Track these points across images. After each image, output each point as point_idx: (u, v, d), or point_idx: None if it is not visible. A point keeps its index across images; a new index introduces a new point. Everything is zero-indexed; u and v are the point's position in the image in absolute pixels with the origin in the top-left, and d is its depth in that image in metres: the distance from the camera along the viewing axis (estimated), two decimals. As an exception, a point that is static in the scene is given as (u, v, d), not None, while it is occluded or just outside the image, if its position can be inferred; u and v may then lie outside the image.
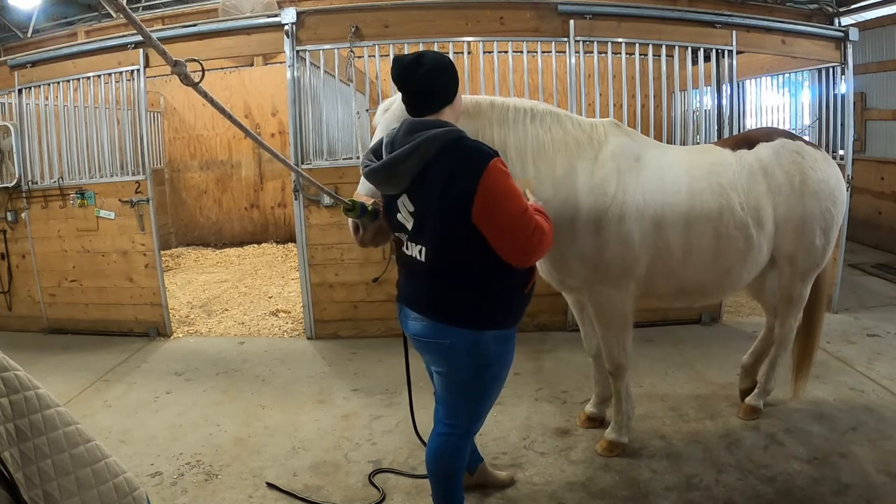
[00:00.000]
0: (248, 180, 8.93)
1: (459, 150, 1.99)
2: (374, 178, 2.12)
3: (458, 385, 2.21)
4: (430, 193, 2.02)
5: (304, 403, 3.82)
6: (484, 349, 2.13)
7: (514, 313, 2.21)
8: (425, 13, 4.67)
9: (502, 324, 2.15)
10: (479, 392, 2.22)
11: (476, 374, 2.16)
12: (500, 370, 2.23)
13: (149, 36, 1.61)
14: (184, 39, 4.73)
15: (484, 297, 2.09)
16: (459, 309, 2.10)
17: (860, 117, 7.45)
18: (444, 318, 2.11)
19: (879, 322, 4.91)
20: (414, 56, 2.07)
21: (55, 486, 1.23)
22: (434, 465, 2.33)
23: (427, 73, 2.05)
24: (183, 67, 1.73)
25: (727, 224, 2.89)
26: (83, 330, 5.32)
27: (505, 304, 2.15)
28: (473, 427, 2.34)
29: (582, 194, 2.74)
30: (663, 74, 4.97)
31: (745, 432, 3.27)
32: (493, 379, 2.22)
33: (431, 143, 1.99)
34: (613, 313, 2.91)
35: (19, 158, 5.14)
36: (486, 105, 2.62)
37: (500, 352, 2.18)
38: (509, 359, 2.26)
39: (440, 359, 2.18)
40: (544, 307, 4.90)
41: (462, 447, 2.33)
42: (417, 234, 2.11)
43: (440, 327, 2.11)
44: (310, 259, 4.85)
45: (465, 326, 2.09)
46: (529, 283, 2.19)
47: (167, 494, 2.88)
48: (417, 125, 2.06)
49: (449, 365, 2.17)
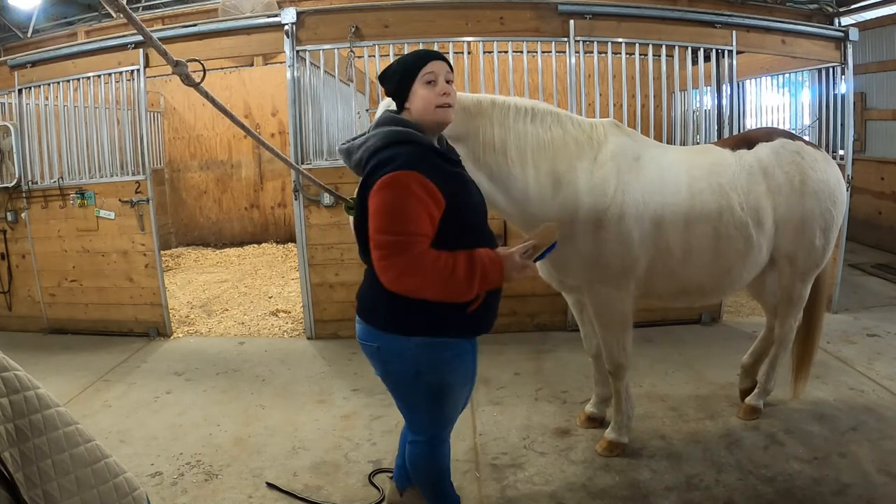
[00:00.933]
0: (248, 180, 8.93)
1: (380, 153, 1.99)
2: (343, 159, 2.16)
3: (397, 390, 2.18)
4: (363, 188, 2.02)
5: (304, 403, 3.82)
6: (411, 355, 2.05)
7: (449, 325, 2.04)
8: (425, 13, 4.67)
9: (430, 332, 2.03)
10: (418, 400, 2.15)
11: (409, 380, 2.11)
12: (441, 379, 2.10)
13: (150, 36, 1.62)
14: (184, 39, 4.73)
15: (402, 303, 1.98)
16: (382, 312, 2.06)
17: (860, 117, 7.45)
18: (370, 320, 2.10)
19: (879, 322, 4.91)
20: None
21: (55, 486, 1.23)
22: (413, 474, 2.32)
23: (383, 81, 2.12)
24: (184, 68, 1.74)
25: (727, 224, 2.89)
26: (83, 330, 5.32)
27: (434, 313, 2.01)
28: (436, 434, 2.25)
29: (581, 194, 2.74)
30: (663, 74, 4.97)
31: (745, 432, 3.27)
32: (433, 388, 2.11)
33: (376, 139, 2.02)
34: (613, 313, 2.91)
35: (19, 158, 5.14)
36: (486, 104, 2.63)
37: (435, 360, 2.07)
38: (458, 368, 2.13)
39: (374, 363, 2.16)
40: (544, 307, 4.90)
41: (432, 454, 2.26)
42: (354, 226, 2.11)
43: (370, 330, 2.10)
44: (310, 259, 4.85)
45: (389, 331, 2.05)
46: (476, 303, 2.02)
47: (167, 494, 2.88)
48: (381, 119, 2.09)
49: (383, 370, 2.15)
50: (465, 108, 2.58)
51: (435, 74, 2.03)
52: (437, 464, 2.31)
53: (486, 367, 4.27)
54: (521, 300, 4.90)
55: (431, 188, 1.90)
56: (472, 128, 2.59)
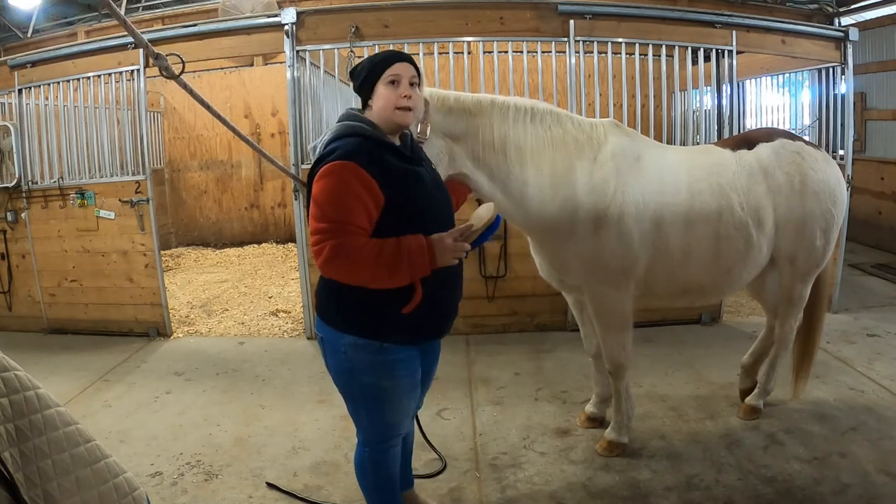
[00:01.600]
0: (248, 180, 8.93)
1: (325, 147, 2.02)
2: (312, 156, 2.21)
3: (337, 384, 2.17)
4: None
5: (304, 403, 3.82)
6: (346, 353, 2.05)
7: (387, 329, 2.02)
8: (425, 13, 4.67)
9: (364, 333, 2.02)
10: (356, 400, 2.15)
11: (344, 378, 2.12)
12: (377, 381, 2.07)
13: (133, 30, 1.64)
14: (184, 39, 4.73)
15: (339, 300, 2.04)
16: (323, 304, 2.12)
17: (860, 117, 7.45)
18: (318, 310, 2.15)
19: (879, 322, 4.91)
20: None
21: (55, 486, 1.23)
22: (359, 478, 2.31)
23: (351, 74, 2.16)
24: (164, 61, 1.78)
25: (727, 224, 2.89)
26: (83, 330, 5.32)
27: (364, 316, 2.00)
28: (377, 438, 2.20)
29: (581, 194, 2.74)
30: (663, 74, 4.97)
31: (745, 432, 3.27)
32: (369, 388, 2.08)
33: (329, 132, 2.07)
34: (613, 313, 2.91)
35: (19, 158, 5.13)
36: (486, 103, 2.64)
37: (368, 362, 2.04)
38: (393, 372, 2.08)
39: (322, 352, 2.19)
40: (544, 307, 4.90)
41: (372, 459, 2.21)
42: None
43: (318, 320, 2.15)
44: (310, 259, 4.84)
45: (329, 324, 2.09)
46: (411, 304, 1.99)
47: (167, 494, 2.88)
48: (342, 115, 2.12)
49: (325, 360, 2.18)
50: (465, 108, 2.59)
51: (399, 76, 2.02)
52: (378, 471, 2.24)
53: (486, 367, 4.28)
54: (521, 300, 4.90)
55: (367, 180, 1.90)
56: (472, 127, 2.60)
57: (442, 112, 2.52)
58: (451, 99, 2.57)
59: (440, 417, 3.54)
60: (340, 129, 2.04)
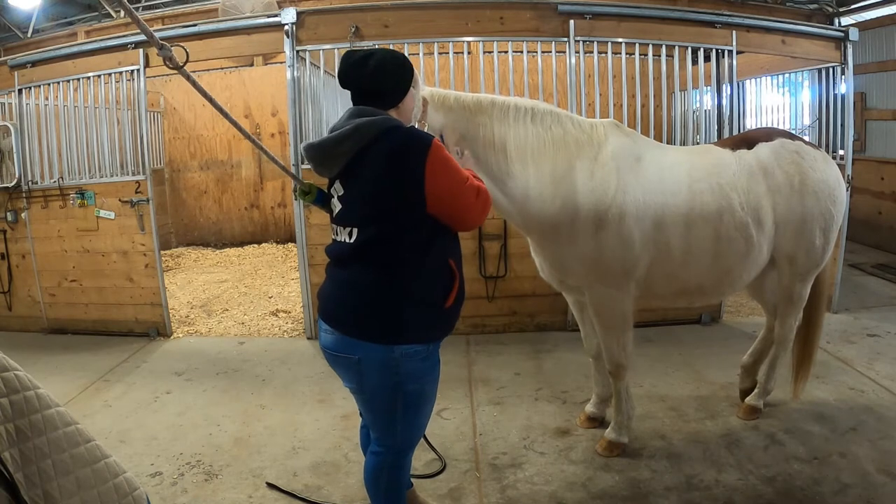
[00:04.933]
0: (248, 180, 8.93)
1: (399, 135, 1.96)
2: (310, 155, 2.08)
3: (373, 403, 2.10)
4: (366, 178, 1.98)
5: (304, 403, 3.82)
6: (395, 366, 2.00)
7: (431, 330, 2.06)
8: (425, 13, 4.67)
9: (415, 339, 2.01)
10: (398, 410, 2.09)
11: (389, 392, 2.04)
12: (421, 388, 2.09)
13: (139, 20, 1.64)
14: (184, 39, 4.72)
15: (397, 309, 1.98)
16: (369, 321, 1.99)
17: (860, 117, 7.44)
18: (352, 330, 2.00)
19: (879, 322, 4.91)
20: (363, 54, 2.02)
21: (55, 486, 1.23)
22: (370, 484, 2.24)
23: (371, 74, 2.00)
24: (168, 51, 1.79)
25: (727, 224, 2.89)
26: (83, 330, 5.32)
27: (421, 319, 2.01)
28: (407, 444, 2.22)
29: (582, 194, 2.74)
30: (663, 74, 4.97)
31: (745, 432, 3.27)
32: (412, 397, 2.08)
33: (369, 127, 1.96)
34: (614, 313, 2.91)
35: (19, 158, 5.14)
36: (487, 103, 2.64)
37: (417, 369, 2.04)
38: (432, 376, 2.13)
39: (351, 375, 2.07)
40: (544, 307, 4.90)
41: (398, 466, 2.22)
42: (345, 218, 2.05)
43: (349, 341, 2.01)
44: (310, 259, 4.85)
45: (374, 341, 1.98)
46: (451, 297, 2.05)
47: (167, 494, 2.88)
48: (359, 111, 2.03)
49: (360, 382, 2.06)
50: (465, 108, 2.59)
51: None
52: (400, 477, 2.26)
53: (486, 367, 4.28)
54: (520, 300, 4.90)
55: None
56: (473, 127, 2.60)
57: (441, 111, 2.53)
58: (451, 98, 2.57)
59: (440, 417, 3.54)
60: (388, 119, 2.00)
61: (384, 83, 2.04)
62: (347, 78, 2.04)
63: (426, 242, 1.99)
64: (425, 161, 1.91)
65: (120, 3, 1.55)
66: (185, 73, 1.86)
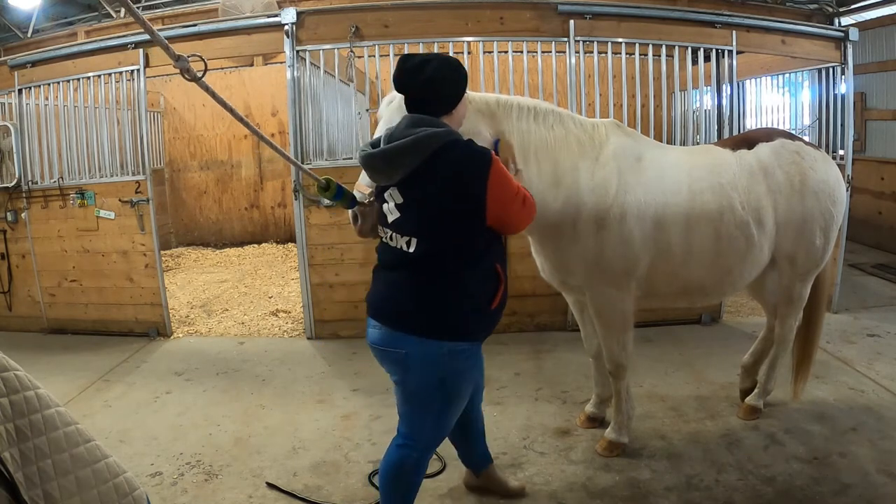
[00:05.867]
0: (248, 180, 8.93)
1: (461, 151, 2.05)
2: (370, 164, 2.13)
3: (414, 397, 2.18)
4: (427, 191, 2.05)
5: (304, 403, 3.82)
6: (441, 362, 2.09)
7: (477, 329, 2.18)
8: (425, 13, 4.67)
9: (463, 337, 2.12)
10: (436, 406, 2.17)
11: (433, 387, 2.13)
12: (461, 385, 2.19)
13: (153, 31, 1.63)
14: (184, 39, 4.72)
15: (448, 308, 2.08)
16: (419, 316, 2.08)
17: (860, 117, 7.44)
18: (402, 326, 2.09)
19: (879, 322, 4.91)
20: (420, 60, 2.09)
21: (55, 486, 1.23)
22: (389, 479, 2.25)
23: (426, 81, 2.07)
24: (185, 62, 1.76)
25: (728, 224, 2.89)
26: (83, 330, 5.32)
27: (469, 318, 2.13)
28: (433, 442, 2.29)
29: (583, 194, 2.74)
30: (663, 74, 4.97)
31: (745, 432, 3.27)
32: (452, 394, 2.18)
33: (431, 139, 2.02)
34: (614, 313, 2.91)
35: (19, 158, 5.14)
36: (492, 102, 2.66)
37: (460, 367, 2.15)
38: (472, 375, 2.24)
39: (397, 368, 2.16)
40: (544, 307, 4.90)
41: (421, 463, 2.27)
42: (403, 226, 2.11)
43: (397, 336, 2.10)
44: (310, 259, 4.85)
45: (422, 336, 2.07)
46: (496, 300, 2.16)
47: (167, 494, 2.88)
48: (419, 120, 2.09)
49: (405, 375, 2.14)
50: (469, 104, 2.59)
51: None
52: (420, 472, 2.30)
53: (486, 366, 4.23)
54: (521, 300, 4.89)
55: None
56: (475, 125, 2.60)
57: None
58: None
59: (440, 417, 3.54)
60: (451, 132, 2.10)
61: (440, 90, 2.11)
62: (403, 83, 2.11)
63: (482, 251, 2.11)
64: (487, 177, 2.02)
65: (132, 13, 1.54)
66: (203, 85, 1.84)
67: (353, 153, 5.25)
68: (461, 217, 2.04)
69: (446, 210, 2.04)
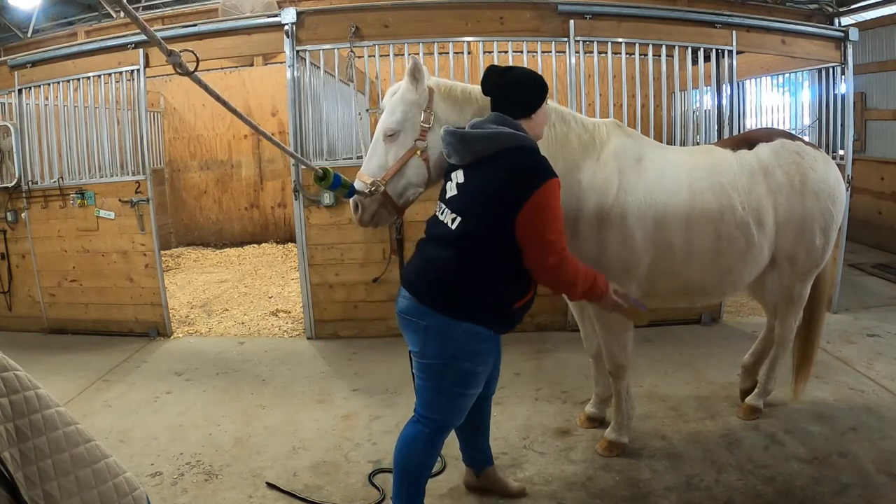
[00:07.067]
0: (248, 180, 8.93)
1: (528, 157, 2.19)
2: (448, 141, 2.27)
3: (428, 370, 2.26)
4: (486, 179, 2.18)
5: (304, 403, 3.82)
6: (456, 339, 2.19)
7: (495, 322, 2.26)
8: (425, 13, 4.67)
9: (480, 321, 2.21)
10: (448, 383, 2.25)
11: (446, 363, 2.22)
12: (473, 368, 2.26)
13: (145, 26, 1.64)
14: (184, 39, 4.72)
15: (472, 293, 2.18)
16: (445, 293, 2.19)
17: (860, 117, 7.44)
18: (427, 300, 2.20)
19: (879, 322, 4.91)
20: (507, 67, 2.36)
21: (55, 486, 1.23)
22: (402, 455, 2.32)
23: (509, 84, 2.29)
24: (178, 57, 1.78)
25: (728, 224, 2.89)
26: (83, 330, 5.32)
27: (490, 310, 2.23)
28: (447, 422, 2.34)
29: (584, 194, 2.74)
30: (663, 74, 4.96)
31: (745, 432, 3.27)
32: (464, 374, 2.25)
33: (508, 138, 2.19)
34: (614, 314, 2.90)
35: (19, 158, 5.14)
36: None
37: (474, 350, 2.23)
38: (487, 360, 2.30)
39: (416, 338, 2.26)
40: (544, 307, 4.89)
41: (433, 442, 2.33)
42: (456, 205, 2.23)
43: (422, 308, 2.21)
44: (310, 259, 4.85)
45: (444, 312, 2.18)
46: (521, 301, 2.27)
47: (167, 494, 2.88)
48: (501, 119, 2.26)
49: (423, 347, 2.24)
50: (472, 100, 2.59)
51: None
52: (432, 451, 2.36)
53: (486, 367, 4.27)
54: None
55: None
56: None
57: (448, 102, 2.52)
58: (458, 90, 2.57)
59: (440, 417, 3.54)
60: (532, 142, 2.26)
61: (522, 94, 2.30)
62: (489, 83, 2.33)
63: (515, 252, 2.18)
64: (531, 194, 2.11)
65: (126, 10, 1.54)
66: (195, 79, 1.88)
67: (353, 153, 5.25)
68: (498, 212, 2.13)
69: (492, 201, 2.14)
